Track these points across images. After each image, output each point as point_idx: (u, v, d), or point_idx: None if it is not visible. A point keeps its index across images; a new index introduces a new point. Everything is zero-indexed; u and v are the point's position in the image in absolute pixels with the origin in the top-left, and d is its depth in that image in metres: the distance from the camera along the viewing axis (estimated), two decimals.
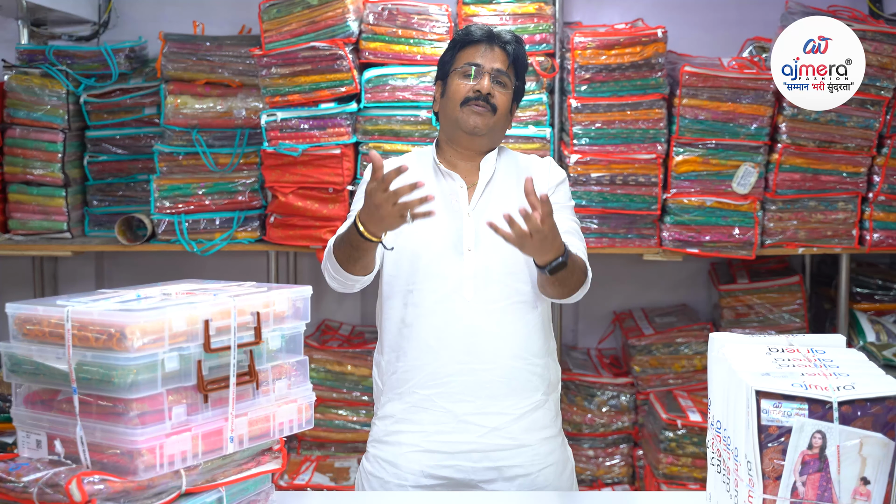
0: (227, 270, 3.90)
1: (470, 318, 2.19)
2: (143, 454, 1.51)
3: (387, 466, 2.24)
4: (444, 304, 2.20)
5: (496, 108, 2.26)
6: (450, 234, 2.23)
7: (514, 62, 2.31)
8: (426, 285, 2.22)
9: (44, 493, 1.49)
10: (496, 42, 2.31)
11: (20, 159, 3.65)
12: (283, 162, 3.40)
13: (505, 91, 2.29)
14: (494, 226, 1.96)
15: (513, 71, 2.32)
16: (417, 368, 2.22)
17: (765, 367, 1.54)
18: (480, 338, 2.19)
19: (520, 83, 2.36)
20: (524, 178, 2.15)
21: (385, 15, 3.42)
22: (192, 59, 3.54)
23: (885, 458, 1.41)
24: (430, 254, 2.22)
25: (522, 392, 2.23)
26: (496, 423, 2.20)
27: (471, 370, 2.19)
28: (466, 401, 2.19)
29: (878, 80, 3.35)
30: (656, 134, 3.41)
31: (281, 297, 1.77)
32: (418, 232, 2.20)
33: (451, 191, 2.28)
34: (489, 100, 2.25)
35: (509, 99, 2.31)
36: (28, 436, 1.63)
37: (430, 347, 2.20)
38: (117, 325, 1.51)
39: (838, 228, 3.47)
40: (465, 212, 2.25)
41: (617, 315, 4.11)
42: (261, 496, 1.78)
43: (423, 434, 2.22)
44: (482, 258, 2.21)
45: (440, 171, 2.31)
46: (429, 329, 2.21)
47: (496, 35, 2.32)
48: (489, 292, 2.20)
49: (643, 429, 3.77)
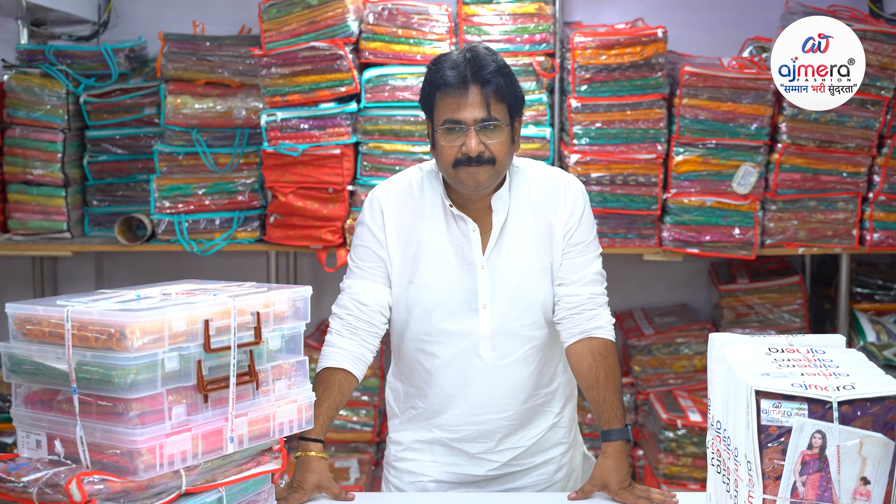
0: (227, 270, 3.90)
1: (487, 375, 2.14)
2: (143, 454, 1.51)
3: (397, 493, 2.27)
4: (460, 359, 2.14)
5: (494, 160, 2.03)
6: (464, 289, 2.11)
7: (499, 96, 2.03)
8: (441, 340, 2.14)
9: (44, 493, 1.49)
10: (471, 83, 2.01)
11: (20, 159, 3.65)
12: (283, 162, 3.40)
13: (497, 136, 2.03)
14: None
15: (501, 108, 2.04)
16: (436, 412, 2.20)
17: (765, 367, 1.54)
18: (496, 391, 2.15)
19: (513, 105, 2.07)
20: (540, 217, 2.12)
21: (385, 15, 3.42)
22: (192, 59, 3.54)
23: (885, 458, 1.41)
24: (443, 311, 2.12)
25: (534, 423, 2.22)
26: (508, 457, 2.21)
27: (486, 420, 2.17)
28: (480, 443, 2.19)
29: (878, 80, 3.35)
30: (656, 134, 3.41)
31: (281, 297, 1.77)
32: (429, 285, 2.11)
33: (463, 237, 2.12)
34: (483, 157, 2.02)
35: (507, 138, 2.05)
36: (28, 436, 1.63)
37: (448, 396, 2.17)
38: (117, 325, 1.51)
39: (838, 228, 3.47)
40: (479, 263, 2.11)
41: (617, 315, 4.06)
42: (261, 496, 1.78)
43: (435, 465, 2.23)
44: (498, 315, 2.11)
45: (451, 213, 2.12)
46: (447, 379, 2.16)
47: (470, 76, 2.01)
48: (505, 348, 2.13)
49: (643, 429, 3.77)
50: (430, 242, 2.12)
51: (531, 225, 2.13)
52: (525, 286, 2.11)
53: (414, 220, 2.14)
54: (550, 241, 2.13)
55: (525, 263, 2.12)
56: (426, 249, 2.12)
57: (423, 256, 2.12)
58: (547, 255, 2.13)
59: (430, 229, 2.13)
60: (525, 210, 2.14)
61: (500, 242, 2.12)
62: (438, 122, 2.05)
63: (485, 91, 2.01)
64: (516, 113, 2.09)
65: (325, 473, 2.03)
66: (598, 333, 2.12)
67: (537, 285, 2.12)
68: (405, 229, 2.14)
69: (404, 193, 2.17)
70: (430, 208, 2.14)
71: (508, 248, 2.12)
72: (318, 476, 2.02)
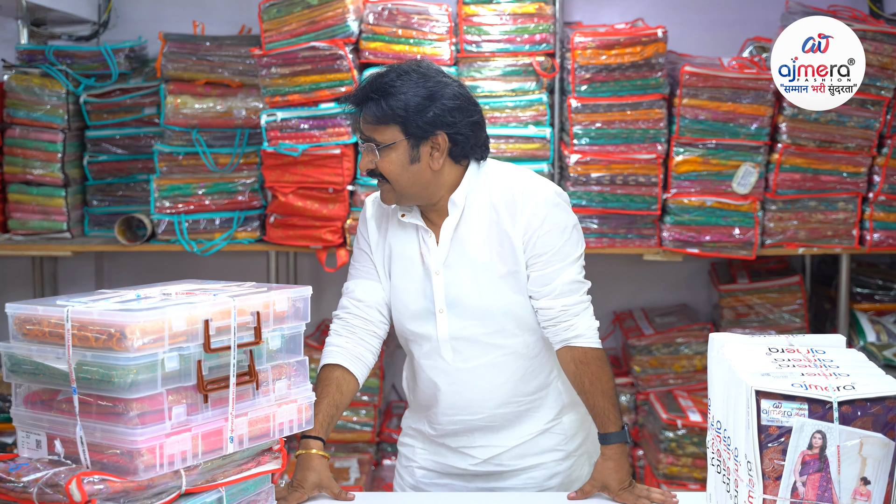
0: (227, 270, 3.90)
1: (454, 376, 2.17)
2: (143, 454, 1.51)
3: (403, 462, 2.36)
4: (429, 360, 2.19)
5: (387, 177, 2.04)
6: (423, 293, 2.15)
7: (382, 118, 2.01)
8: (414, 340, 2.20)
9: (44, 493, 1.49)
10: (357, 103, 2.07)
11: (20, 159, 3.65)
12: (283, 162, 3.40)
13: (385, 155, 2.03)
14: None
15: (388, 128, 2.02)
16: (422, 407, 2.28)
17: (765, 367, 1.54)
18: (467, 393, 2.17)
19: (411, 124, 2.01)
20: (497, 225, 2.08)
21: (385, 15, 3.42)
22: (192, 59, 3.54)
23: (885, 458, 1.41)
24: (408, 313, 2.17)
25: (521, 425, 2.22)
26: (489, 454, 2.22)
27: (461, 420, 2.20)
28: (460, 437, 2.23)
29: (878, 80, 3.35)
30: (656, 134, 3.41)
31: (281, 297, 1.77)
32: (398, 287, 2.18)
33: (423, 241, 2.15)
34: (374, 173, 2.06)
35: (400, 157, 2.02)
36: (28, 436, 1.63)
37: (429, 395, 2.22)
38: (117, 325, 1.51)
39: (838, 228, 3.47)
40: (434, 270, 2.12)
41: (617, 315, 4.11)
42: (261, 496, 1.78)
43: (424, 452, 2.30)
44: (456, 320, 2.12)
45: (402, 221, 2.16)
46: (425, 380, 2.21)
47: (356, 97, 2.07)
48: (468, 353, 2.14)
49: (643, 429, 3.77)
50: (398, 247, 2.18)
51: (489, 232, 2.10)
52: (482, 295, 2.10)
53: (388, 226, 2.21)
54: (511, 251, 2.08)
55: (481, 271, 2.10)
56: (396, 254, 2.18)
57: (394, 260, 2.19)
58: (507, 263, 2.09)
59: (398, 235, 2.19)
60: (483, 216, 2.10)
61: (458, 249, 2.11)
62: None
63: (367, 111, 2.04)
64: (421, 133, 2.01)
65: (326, 472, 2.05)
66: (576, 342, 2.10)
67: (497, 294, 2.10)
68: (382, 233, 2.22)
69: (377, 206, 2.24)
70: (390, 216, 2.20)
71: (466, 255, 2.11)
72: (318, 475, 2.03)
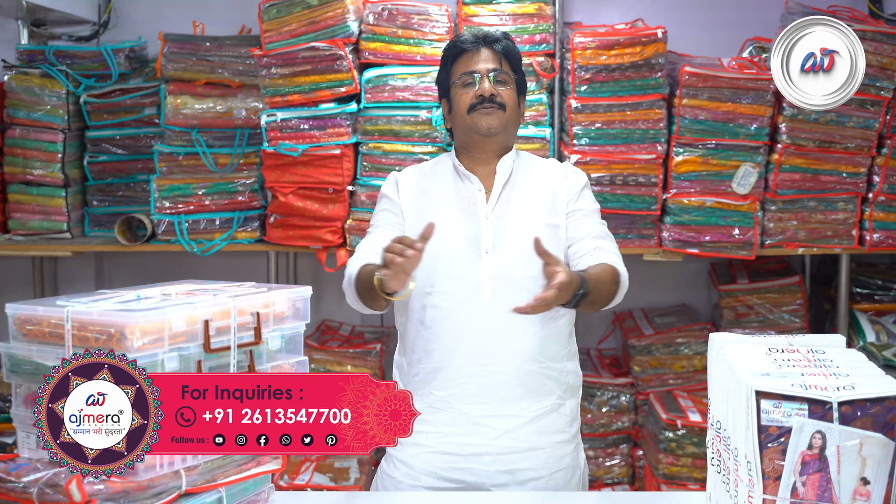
0: (227, 270, 3.90)
1: (487, 320, 2.19)
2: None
3: (401, 466, 2.25)
4: (461, 306, 2.20)
5: (504, 105, 2.29)
6: (468, 237, 2.24)
7: (508, 58, 2.33)
8: (444, 288, 2.22)
9: (44, 494, 1.49)
10: (483, 44, 2.32)
11: (20, 159, 3.65)
12: (283, 162, 3.40)
13: (507, 87, 2.31)
14: (521, 310, 1.98)
15: (509, 66, 2.33)
16: (436, 370, 2.23)
17: (765, 367, 1.53)
18: (497, 340, 2.19)
19: (519, 76, 2.37)
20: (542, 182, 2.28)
21: (385, 15, 3.42)
22: (192, 59, 3.54)
23: (885, 458, 1.41)
24: (449, 256, 2.22)
25: (536, 395, 2.22)
26: (509, 425, 2.20)
27: (486, 372, 2.19)
28: (481, 403, 2.20)
29: (878, 80, 3.35)
30: (656, 134, 3.41)
31: (281, 298, 1.77)
32: (436, 235, 2.15)
33: (469, 194, 2.30)
34: (494, 100, 2.27)
35: (514, 93, 2.33)
36: (28, 436, 1.63)
37: (448, 349, 2.20)
38: (117, 325, 1.51)
39: (838, 228, 3.47)
40: (483, 214, 2.26)
41: (617, 315, 4.11)
42: (261, 496, 1.78)
43: (437, 435, 2.22)
44: (501, 260, 2.21)
45: (458, 173, 2.33)
46: (447, 331, 2.21)
47: (482, 37, 2.34)
48: (507, 295, 2.16)
49: (643, 429, 3.77)
50: (438, 199, 2.31)
51: (535, 187, 2.31)
52: (529, 236, 2.12)
53: (424, 184, 2.35)
54: (554, 205, 2.29)
55: (529, 217, 2.26)
56: (434, 205, 2.29)
57: (431, 210, 2.26)
58: (552, 215, 2.28)
59: (438, 189, 2.33)
60: (529, 176, 2.34)
61: (504, 197, 2.29)
62: (455, 78, 2.32)
63: (496, 48, 2.32)
64: (521, 86, 2.37)
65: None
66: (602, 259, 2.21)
67: (543, 237, 2.12)
68: (416, 191, 2.33)
69: (417, 171, 2.41)
70: (441, 175, 2.36)
71: (513, 203, 2.28)
72: None
